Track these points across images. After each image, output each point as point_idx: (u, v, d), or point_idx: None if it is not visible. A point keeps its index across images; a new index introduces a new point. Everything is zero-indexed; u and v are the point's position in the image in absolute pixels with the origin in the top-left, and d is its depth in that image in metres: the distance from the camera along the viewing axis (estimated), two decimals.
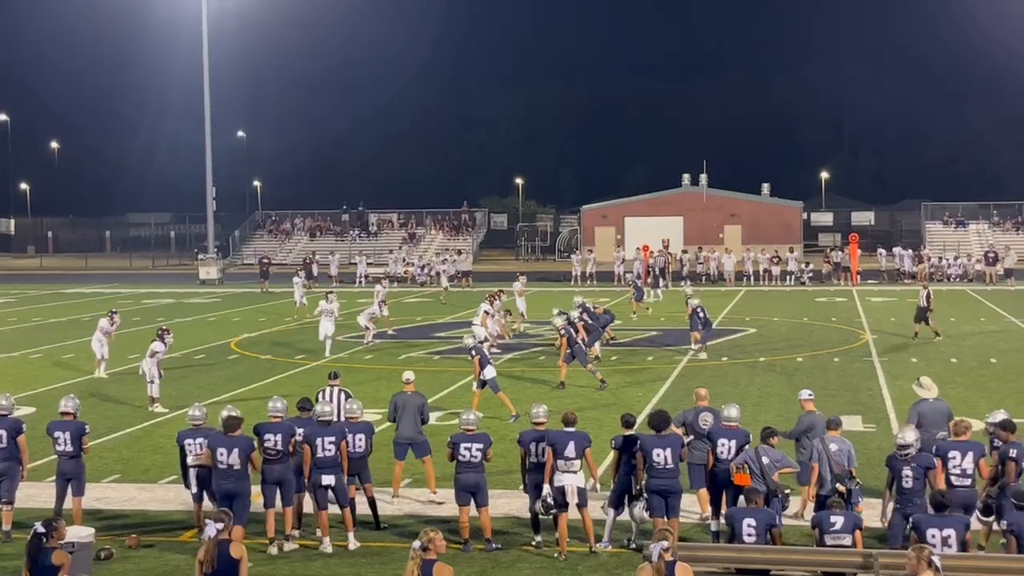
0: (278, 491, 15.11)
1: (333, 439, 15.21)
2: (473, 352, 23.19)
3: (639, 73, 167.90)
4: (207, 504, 15.25)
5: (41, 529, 11.07)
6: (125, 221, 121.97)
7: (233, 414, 15.09)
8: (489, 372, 23.26)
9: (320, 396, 17.51)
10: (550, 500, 14.59)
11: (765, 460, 14.23)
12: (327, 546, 15.00)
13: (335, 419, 16.20)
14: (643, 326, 39.38)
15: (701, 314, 32.04)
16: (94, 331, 30.25)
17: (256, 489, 15.12)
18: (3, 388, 20.50)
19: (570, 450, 14.70)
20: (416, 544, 10.23)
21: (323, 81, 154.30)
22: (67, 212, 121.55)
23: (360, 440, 15.92)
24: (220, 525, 11.09)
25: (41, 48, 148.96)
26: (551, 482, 14.68)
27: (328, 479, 15.09)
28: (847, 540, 12.43)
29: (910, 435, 13.73)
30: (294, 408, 16.12)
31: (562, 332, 26.98)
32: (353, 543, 15.08)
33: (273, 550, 14.82)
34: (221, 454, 14.65)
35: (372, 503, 16.14)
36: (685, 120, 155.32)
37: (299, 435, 15.29)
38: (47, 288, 63.11)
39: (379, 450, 17.21)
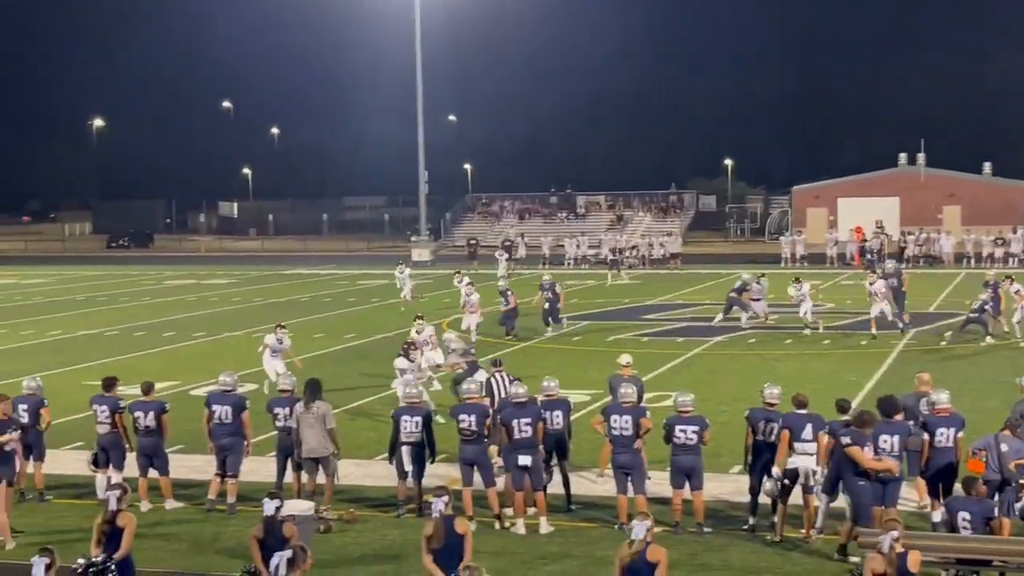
0: (474, 471, 15.36)
1: (529, 420, 15.27)
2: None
3: (851, 51, 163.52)
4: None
5: (277, 503, 11.48)
6: (341, 204, 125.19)
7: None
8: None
9: (492, 382, 17.92)
10: (787, 483, 14.36)
11: (1004, 448, 13.66)
12: (520, 527, 15.10)
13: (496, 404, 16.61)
14: (857, 309, 38.42)
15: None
16: (263, 348, 25.76)
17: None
18: (227, 366, 21.30)
19: (807, 432, 14.44)
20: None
21: (532, 65, 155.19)
22: (286, 196, 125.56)
23: (558, 417, 15.97)
24: (445, 500, 11.31)
25: (262, 38, 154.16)
26: (783, 464, 14.46)
27: (525, 459, 15.14)
28: None
29: None
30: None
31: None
32: (545, 527, 15.12)
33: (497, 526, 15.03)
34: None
35: (566, 482, 16.18)
36: (900, 98, 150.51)
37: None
38: (268, 269, 65.39)
39: (587, 430, 17.18)
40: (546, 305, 34.15)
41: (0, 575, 13.76)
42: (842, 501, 14.46)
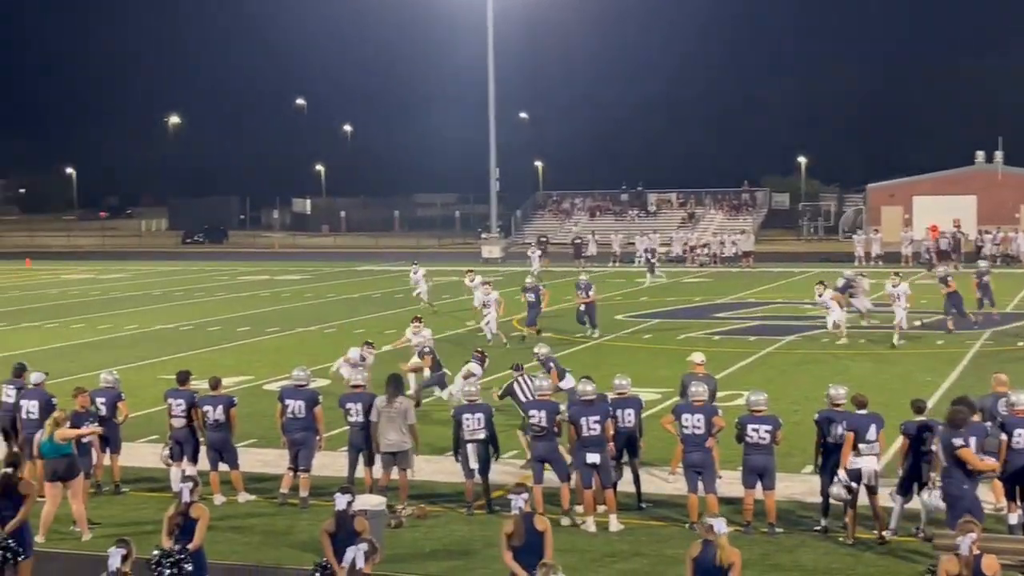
0: (542, 467, 15.40)
1: (598, 417, 15.23)
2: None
3: (928, 47, 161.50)
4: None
5: (348, 498, 11.57)
6: (412, 201, 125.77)
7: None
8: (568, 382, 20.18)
9: (516, 387, 18.37)
10: (853, 485, 14.22)
11: None
12: (590, 525, 15.06)
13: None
14: (932, 309, 37.91)
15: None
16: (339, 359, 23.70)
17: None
18: (300, 361, 21.47)
19: (871, 433, 14.31)
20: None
21: (604, 62, 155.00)
22: (359, 193, 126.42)
23: (629, 415, 15.91)
24: (524, 497, 11.34)
25: (335, 35, 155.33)
26: (846, 466, 14.32)
27: (593, 457, 15.11)
28: None
29: None
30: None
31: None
32: (615, 525, 15.07)
33: (565, 521, 15.03)
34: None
35: (637, 480, 16.14)
36: (978, 95, 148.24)
37: (563, 413, 15.52)
38: (340, 265, 65.86)
39: (658, 428, 17.09)
40: (581, 307, 33.16)
41: (77, 566, 14.00)
42: (916, 503, 14.31)
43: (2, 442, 17.78)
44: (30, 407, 16.84)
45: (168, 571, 10.98)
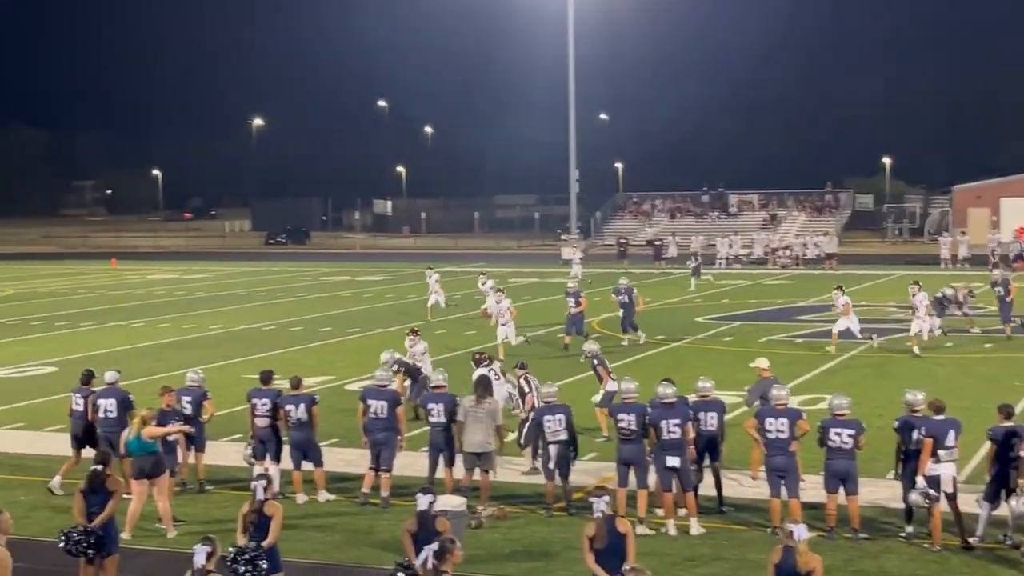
0: (631, 471, 15.33)
1: (678, 421, 15.16)
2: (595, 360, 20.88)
3: (1014, 45, 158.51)
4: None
5: (431, 498, 11.63)
6: (492, 203, 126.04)
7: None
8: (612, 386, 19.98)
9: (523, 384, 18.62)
10: (932, 492, 14.02)
11: None
12: (671, 528, 15.00)
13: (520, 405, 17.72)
14: (1019, 313, 37.22)
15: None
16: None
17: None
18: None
19: (950, 439, 14.12)
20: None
21: (684, 62, 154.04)
22: (439, 194, 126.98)
23: (712, 418, 15.82)
24: (606, 500, 11.33)
25: (416, 38, 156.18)
26: (924, 473, 14.13)
27: (673, 461, 15.04)
28: None
29: None
30: (650, 391, 16.22)
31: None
32: (696, 528, 14.99)
33: (644, 530, 14.96)
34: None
35: (718, 483, 16.04)
36: None
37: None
38: (421, 267, 66.01)
39: (739, 432, 16.99)
40: (620, 312, 32.24)
41: (163, 563, 14.20)
42: (1004, 509, 14.06)
43: (74, 449, 17.91)
44: (108, 406, 17.08)
45: (243, 568, 11.11)
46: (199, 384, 17.67)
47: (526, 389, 18.55)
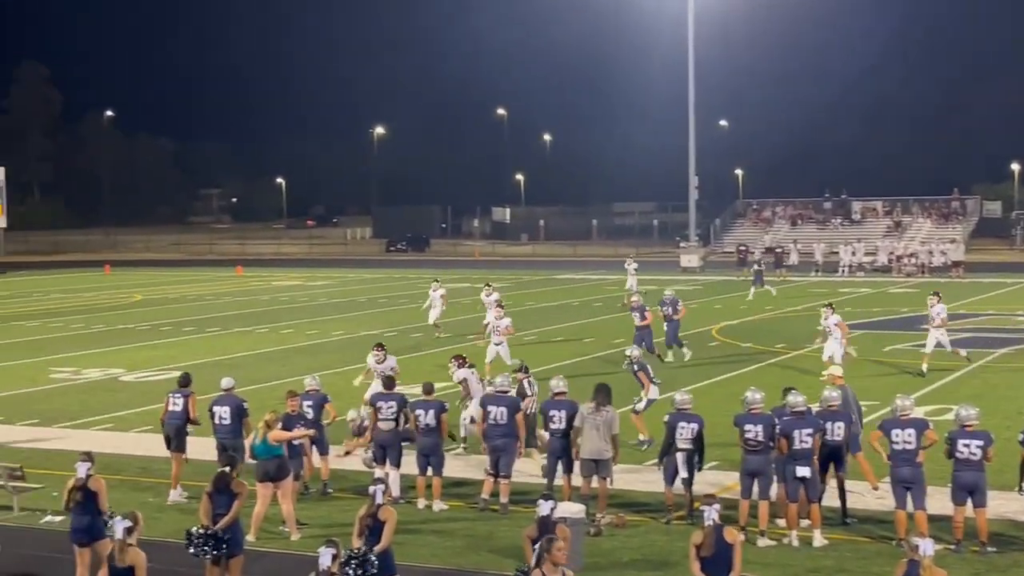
0: (755, 482, 15.16)
1: (810, 431, 14.98)
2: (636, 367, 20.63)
3: None
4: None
5: (552, 504, 11.68)
6: (610, 210, 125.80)
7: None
8: (654, 392, 20.35)
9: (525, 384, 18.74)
10: None
11: None
12: (794, 539, 14.82)
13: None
14: None
15: None
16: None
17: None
18: (502, 368, 21.72)
19: None
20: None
21: (805, 67, 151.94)
22: (558, 201, 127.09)
23: (839, 428, 15.57)
24: (717, 508, 11.25)
25: (535, 46, 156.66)
26: None
27: (803, 471, 14.86)
28: None
29: None
30: (774, 399, 16.08)
31: None
32: (819, 540, 14.78)
33: (766, 542, 14.82)
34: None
35: (843, 495, 15.80)
36: None
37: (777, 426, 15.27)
38: (539, 274, 66.33)
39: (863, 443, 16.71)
40: (665, 325, 30.41)
41: (286, 565, 14.44)
42: None
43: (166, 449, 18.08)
44: (222, 413, 17.24)
45: (353, 571, 11.23)
46: (318, 388, 17.93)
47: (527, 392, 18.58)
